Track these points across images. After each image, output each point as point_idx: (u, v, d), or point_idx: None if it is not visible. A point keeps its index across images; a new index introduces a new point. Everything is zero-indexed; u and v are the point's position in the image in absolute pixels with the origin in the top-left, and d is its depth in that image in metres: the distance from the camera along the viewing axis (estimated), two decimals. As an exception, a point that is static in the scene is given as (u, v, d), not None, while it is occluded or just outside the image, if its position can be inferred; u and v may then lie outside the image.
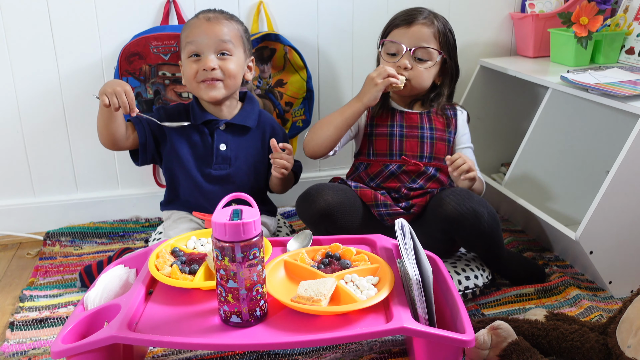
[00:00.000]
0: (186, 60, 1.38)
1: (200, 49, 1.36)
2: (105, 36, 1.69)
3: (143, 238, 1.74)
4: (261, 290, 0.91)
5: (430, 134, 1.45)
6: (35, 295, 1.43)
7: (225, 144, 1.43)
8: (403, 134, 1.44)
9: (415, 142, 1.44)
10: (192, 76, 1.36)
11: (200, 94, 1.39)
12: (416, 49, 1.41)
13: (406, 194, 1.40)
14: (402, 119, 1.46)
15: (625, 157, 1.29)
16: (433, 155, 1.44)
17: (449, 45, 1.46)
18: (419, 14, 1.44)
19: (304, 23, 1.81)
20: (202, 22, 1.37)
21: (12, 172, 1.76)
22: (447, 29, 1.47)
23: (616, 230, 1.37)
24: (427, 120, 1.46)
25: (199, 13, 1.42)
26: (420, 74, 1.42)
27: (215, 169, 1.43)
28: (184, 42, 1.38)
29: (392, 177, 1.43)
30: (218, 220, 0.87)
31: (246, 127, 1.44)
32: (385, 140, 1.45)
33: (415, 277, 0.92)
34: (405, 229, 1.02)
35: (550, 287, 1.43)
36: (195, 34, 1.35)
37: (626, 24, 1.79)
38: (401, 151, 1.43)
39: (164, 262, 1.05)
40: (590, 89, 1.43)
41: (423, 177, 1.42)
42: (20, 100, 1.70)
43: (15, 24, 1.63)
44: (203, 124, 1.43)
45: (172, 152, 1.44)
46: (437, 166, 1.44)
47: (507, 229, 1.76)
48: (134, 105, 1.28)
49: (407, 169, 1.42)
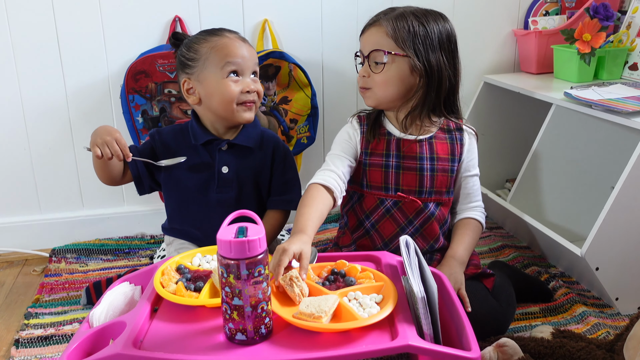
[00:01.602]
0: (223, 81, 1.30)
1: (241, 70, 1.30)
2: (111, 54, 1.71)
3: (148, 255, 1.74)
4: (266, 308, 0.91)
5: (431, 165, 1.30)
6: (41, 313, 1.44)
7: (227, 166, 1.36)
8: (400, 165, 1.30)
9: (413, 175, 1.30)
10: (234, 97, 1.30)
11: (234, 116, 1.32)
12: (369, 55, 1.28)
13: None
14: (398, 148, 1.30)
15: (630, 173, 1.29)
16: (433, 189, 1.31)
17: (414, 42, 1.24)
18: (374, 17, 1.31)
19: (308, 41, 1.83)
20: (239, 43, 1.32)
21: (19, 189, 1.77)
22: (410, 24, 1.25)
23: (622, 246, 1.36)
24: (427, 148, 1.30)
25: (215, 30, 1.35)
26: (376, 82, 1.27)
27: (218, 192, 1.36)
28: (221, 61, 1.29)
29: (388, 215, 1.31)
30: (223, 238, 0.87)
31: (249, 149, 1.38)
32: (379, 172, 1.31)
33: (421, 294, 0.92)
34: (410, 246, 1.02)
35: (556, 306, 1.42)
36: (237, 54, 1.30)
37: (629, 40, 1.80)
38: (397, 185, 1.30)
39: (169, 279, 1.05)
40: (594, 105, 1.44)
41: (421, 216, 1.31)
42: (28, 118, 1.72)
43: (23, 42, 1.65)
44: (203, 145, 1.36)
45: (170, 181, 1.38)
46: (437, 200, 1.32)
47: (512, 245, 1.76)
48: (127, 152, 1.25)
49: (404, 206, 1.31)
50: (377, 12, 1.34)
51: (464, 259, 1.30)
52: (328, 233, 1.86)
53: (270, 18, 1.78)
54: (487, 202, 1.85)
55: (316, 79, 1.84)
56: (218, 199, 1.36)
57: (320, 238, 1.83)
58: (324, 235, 1.85)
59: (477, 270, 1.31)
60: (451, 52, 1.29)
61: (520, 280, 1.45)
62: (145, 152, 1.36)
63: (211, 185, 1.36)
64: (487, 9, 1.94)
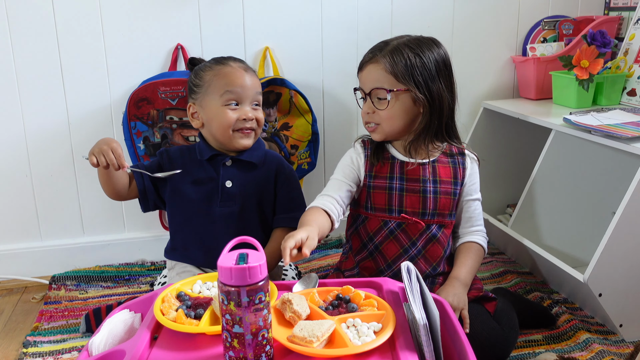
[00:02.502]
0: (222, 108, 1.36)
1: (240, 99, 1.36)
2: (114, 82, 1.73)
3: (148, 282, 1.73)
4: (267, 336, 0.90)
5: (434, 187, 1.31)
6: (39, 341, 1.42)
7: (231, 180, 1.40)
8: (403, 187, 1.31)
9: (417, 197, 1.31)
10: (230, 124, 1.36)
11: (232, 142, 1.38)
12: (371, 93, 1.30)
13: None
14: (402, 171, 1.32)
15: (631, 198, 1.29)
16: (437, 211, 1.32)
17: (413, 75, 1.26)
18: (369, 53, 1.32)
19: (309, 68, 1.85)
20: (241, 72, 1.37)
21: (20, 216, 1.77)
22: (406, 57, 1.26)
23: (625, 272, 1.36)
24: (430, 171, 1.32)
25: (221, 59, 1.40)
26: (382, 118, 1.30)
27: (221, 206, 1.39)
28: (221, 89, 1.35)
29: (391, 236, 1.32)
30: (224, 265, 0.87)
31: (252, 164, 1.42)
32: (384, 194, 1.32)
33: (423, 322, 0.91)
34: (412, 272, 1.01)
35: (560, 333, 1.41)
36: (236, 83, 1.35)
37: (627, 66, 1.81)
38: (401, 207, 1.31)
39: (169, 307, 1.04)
40: (594, 131, 1.44)
41: (424, 237, 1.31)
42: (30, 144, 1.72)
43: (26, 68, 1.67)
44: (208, 161, 1.41)
45: (174, 195, 1.42)
46: (440, 222, 1.32)
47: (514, 270, 1.75)
48: (122, 161, 1.27)
49: (407, 228, 1.31)
50: (376, 38, 1.36)
51: (467, 281, 1.30)
52: (329, 259, 1.85)
53: (271, 45, 1.80)
54: (488, 228, 1.84)
55: (317, 105, 1.86)
56: (221, 213, 1.39)
57: (322, 264, 1.82)
58: (325, 261, 1.84)
59: (479, 294, 1.31)
60: (448, 77, 1.31)
61: (523, 307, 1.44)
62: (152, 169, 1.41)
63: (215, 199, 1.40)
64: (486, 36, 1.96)
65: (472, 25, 1.94)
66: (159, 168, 1.41)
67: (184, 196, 1.41)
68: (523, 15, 1.97)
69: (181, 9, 1.72)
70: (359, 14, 1.84)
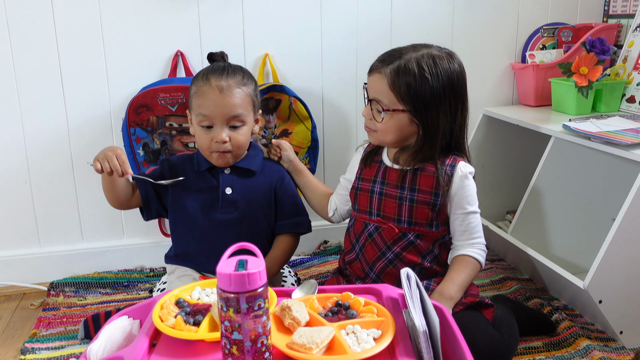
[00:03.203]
0: (197, 127, 1.36)
1: (212, 122, 1.34)
2: (114, 88, 1.73)
3: (147, 288, 1.73)
4: (266, 342, 0.90)
5: (411, 195, 1.29)
6: (37, 348, 1.42)
7: (231, 187, 1.40)
8: (383, 192, 1.33)
9: (393, 203, 1.31)
10: (206, 146, 1.36)
11: (211, 160, 1.39)
12: (372, 101, 1.30)
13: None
14: (384, 176, 1.34)
15: (631, 205, 1.29)
16: (412, 220, 1.30)
17: (414, 98, 1.24)
18: (379, 61, 1.29)
19: (308, 74, 1.85)
20: (215, 94, 1.31)
21: (19, 222, 1.77)
22: (412, 77, 1.23)
23: (625, 279, 1.35)
24: (409, 179, 1.30)
25: (210, 73, 1.34)
26: (377, 127, 1.30)
27: (222, 212, 1.39)
28: (196, 109, 1.34)
29: (370, 239, 1.33)
30: (223, 271, 0.86)
31: (251, 171, 1.42)
32: (366, 196, 1.35)
33: (422, 328, 0.91)
34: (411, 278, 1.01)
35: (560, 340, 1.41)
36: (208, 106, 1.32)
37: (626, 73, 1.82)
38: (379, 211, 1.33)
39: (168, 313, 1.04)
40: (593, 138, 1.44)
41: (400, 243, 1.31)
42: (29, 151, 1.72)
43: (26, 75, 1.67)
44: (207, 170, 1.41)
45: (176, 203, 1.42)
46: (418, 232, 1.30)
47: (514, 277, 1.75)
48: (126, 168, 1.28)
49: (383, 232, 1.32)
50: (376, 46, 1.37)
51: (452, 294, 1.26)
52: (329, 265, 1.85)
53: (270, 52, 1.80)
54: (488, 234, 1.84)
55: (316, 111, 1.86)
56: (222, 219, 1.40)
57: (321, 270, 1.81)
58: (324, 267, 1.84)
59: (475, 300, 1.29)
60: (458, 94, 1.30)
61: (523, 314, 1.44)
62: (154, 177, 1.41)
63: (215, 206, 1.40)
64: (485, 43, 1.97)
65: (471, 32, 1.94)
66: (160, 177, 1.41)
67: (185, 204, 1.41)
68: (522, 22, 1.98)
69: (181, 16, 1.72)
70: (359, 21, 1.85)
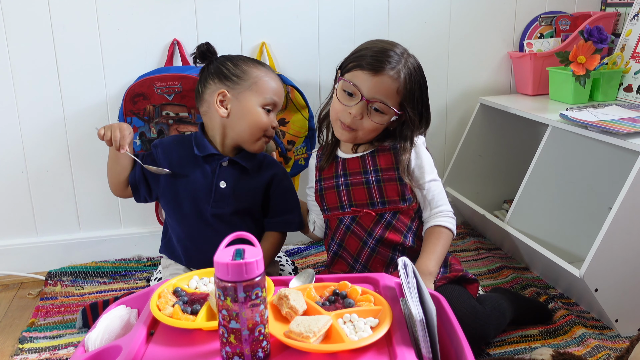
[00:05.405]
0: (258, 108, 1.37)
1: (275, 108, 1.40)
2: (110, 77, 1.72)
3: (145, 277, 1.73)
4: (264, 331, 0.90)
5: (376, 176, 1.34)
6: (35, 337, 1.42)
7: (225, 181, 1.38)
8: (348, 182, 1.36)
9: (362, 189, 1.34)
10: (265, 127, 1.38)
11: (253, 143, 1.39)
12: (373, 101, 1.29)
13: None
14: (344, 167, 1.38)
15: (627, 194, 1.29)
16: (385, 199, 1.33)
17: (413, 99, 1.32)
18: (388, 62, 1.28)
19: (305, 63, 1.84)
20: (280, 85, 1.42)
21: (16, 212, 1.76)
22: (415, 80, 1.31)
23: (621, 268, 1.36)
24: (370, 162, 1.35)
25: (266, 66, 1.43)
26: (368, 126, 1.31)
27: (214, 206, 1.38)
28: (268, 92, 1.37)
29: (349, 232, 1.36)
30: (220, 260, 0.87)
31: (248, 167, 1.40)
32: (333, 192, 1.38)
33: (419, 317, 0.91)
34: (408, 267, 1.02)
35: (556, 328, 1.42)
36: (279, 93, 1.40)
37: (623, 62, 1.82)
38: (350, 202, 1.35)
39: (165, 302, 1.04)
40: (590, 127, 1.45)
41: (379, 226, 1.33)
42: (26, 140, 1.72)
43: (21, 64, 1.66)
44: (205, 158, 1.39)
45: (167, 191, 1.40)
46: (393, 209, 1.34)
47: (511, 266, 1.75)
48: (124, 143, 1.32)
49: (361, 220, 1.35)
50: (373, 34, 1.36)
51: (431, 269, 1.28)
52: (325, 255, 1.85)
53: (267, 41, 1.79)
54: (485, 224, 1.85)
55: (313, 100, 1.85)
56: (213, 213, 1.38)
57: (319, 260, 1.82)
58: (321, 257, 1.84)
59: (458, 274, 1.30)
60: (421, 100, 1.35)
61: (521, 304, 1.44)
62: (145, 161, 1.41)
63: (207, 199, 1.38)
64: (483, 32, 1.96)
65: (469, 20, 1.94)
66: (152, 162, 1.41)
67: (176, 195, 1.39)
68: (520, 10, 1.97)
69: (177, 4, 1.71)
70: (356, 9, 1.84)
